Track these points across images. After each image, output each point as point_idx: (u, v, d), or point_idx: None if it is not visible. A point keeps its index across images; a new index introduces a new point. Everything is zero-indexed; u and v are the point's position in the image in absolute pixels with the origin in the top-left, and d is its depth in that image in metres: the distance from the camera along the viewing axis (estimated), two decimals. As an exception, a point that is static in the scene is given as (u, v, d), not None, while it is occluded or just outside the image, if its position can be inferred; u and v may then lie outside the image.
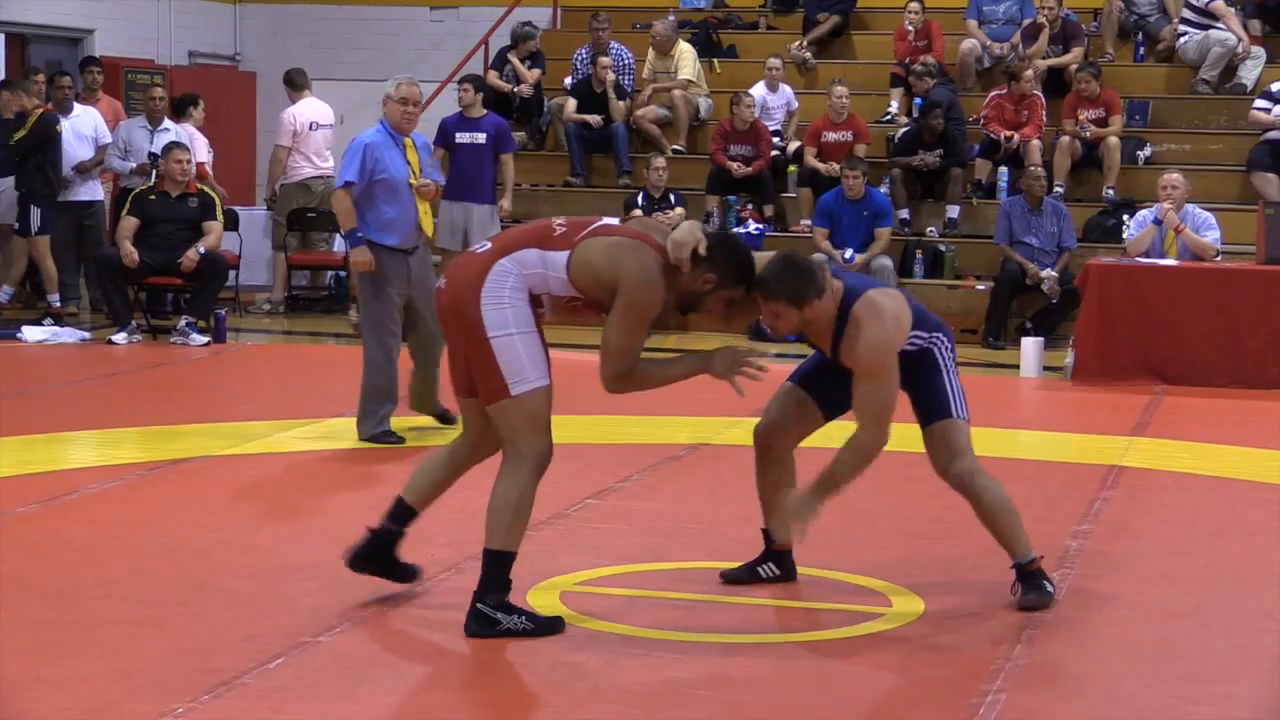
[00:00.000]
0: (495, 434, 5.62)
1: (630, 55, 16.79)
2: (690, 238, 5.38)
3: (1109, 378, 11.62)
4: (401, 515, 5.80)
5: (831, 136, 15.29)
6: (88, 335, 13.25)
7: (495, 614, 5.43)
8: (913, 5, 16.37)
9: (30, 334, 12.99)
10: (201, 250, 13.00)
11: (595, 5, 17.56)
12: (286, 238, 15.32)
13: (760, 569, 6.22)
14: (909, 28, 16.40)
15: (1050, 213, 13.76)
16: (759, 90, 15.89)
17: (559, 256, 5.37)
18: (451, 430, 9.06)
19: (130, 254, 12.84)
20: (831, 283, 5.66)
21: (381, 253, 8.83)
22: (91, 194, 14.60)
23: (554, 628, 5.50)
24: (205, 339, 12.90)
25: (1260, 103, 15.01)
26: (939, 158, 15.03)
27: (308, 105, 15.39)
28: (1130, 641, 5.67)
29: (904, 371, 5.84)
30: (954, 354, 6.00)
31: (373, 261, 8.86)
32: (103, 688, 4.91)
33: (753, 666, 5.30)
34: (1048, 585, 5.97)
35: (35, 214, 13.78)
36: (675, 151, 16.07)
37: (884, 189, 14.87)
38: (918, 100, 15.72)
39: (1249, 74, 15.96)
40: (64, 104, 14.49)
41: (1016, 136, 15.06)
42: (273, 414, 9.78)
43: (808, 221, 14.70)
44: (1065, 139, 15.13)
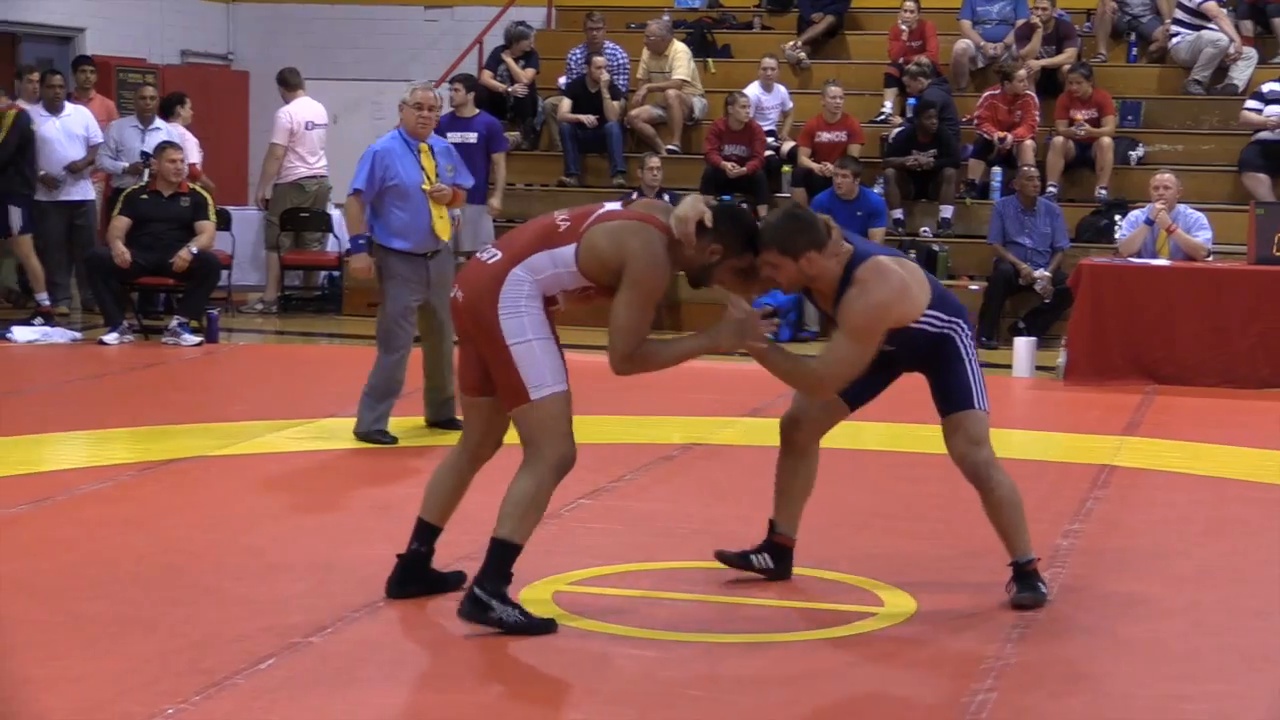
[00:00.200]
0: (496, 436, 5.73)
1: (625, 55, 16.79)
2: (694, 211, 5.43)
3: (1101, 377, 11.63)
4: (426, 534, 5.85)
5: (826, 136, 15.30)
6: (79, 335, 13.23)
7: (490, 600, 5.44)
8: (908, 4, 16.38)
9: (21, 334, 12.97)
10: (194, 250, 12.98)
11: (590, 5, 17.56)
12: (279, 237, 15.31)
13: (754, 557, 6.19)
14: (903, 27, 16.41)
15: (1043, 213, 13.76)
16: (753, 90, 15.89)
17: (566, 251, 5.44)
18: (444, 434, 9.06)
19: (122, 254, 12.82)
20: (840, 244, 5.65)
21: (395, 257, 8.86)
22: (83, 193, 14.57)
23: (546, 628, 5.50)
24: (197, 339, 12.89)
25: (1252, 103, 15.03)
26: (933, 158, 15.04)
27: (302, 105, 15.37)
28: (1121, 640, 5.67)
29: (922, 353, 5.86)
30: (973, 340, 5.96)
31: (370, 269, 8.98)
32: (93, 688, 4.90)
33: (744, 666, 5.30)
34: (1042, 586, 5.97)
35: (15, 214, 13.76)
36: (670, 151, 16.07)
37: (878, 189, 14.88)
38: (911, 100, 15.73)
39: (1240, 75, 15.98)
40: (55, 103, 14.46)
41: (1010, 137, 15.07)
42: (265, 414, 9.77)
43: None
44: (1058, 139, 15.14)
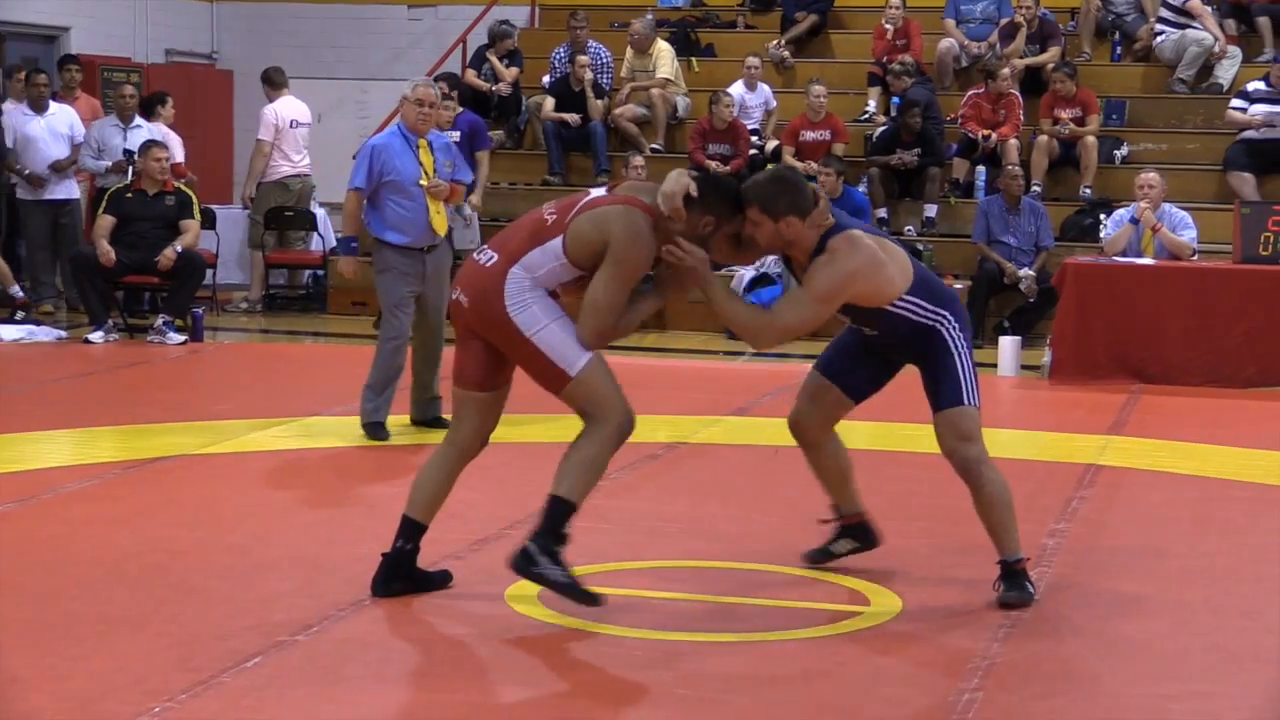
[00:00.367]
0: (485, 434, 5.85)
1: (608, 54, 16.79)
2: (678, 186, 5.54)
3: (1086, 376, 11.64)
4: (411, 532, 5.86)
5: (809, 135, 15.31)
6: (64, 334, 13.20)
7: (539, 556, 5.54)
8: (894, 2, 16.38)
9: (5, 333, 12.93)
10: (178, 249, 12.96)
11: (573, 4, 17.56)
12: (264, 236, 15.29)
13: (834, 546, 6.43)
14: (888, 26, 16.42)
15: (1028, 212, 13.78)
16: (737, 89, 15.89)
17: (555, 243, 5.56)
18: (429, 433, 9.06)
19: (107, 253, 12.79)
20: (826, 216, 5.74)
21: (391, 251, 8.97)
22: (67, 192, 14.55)
23: (590, 599, 5.56)
24: (182, 338, 12.87)
25: (1237, 102, 15.06)
26: (917, 157, 15.05)
27: (287, 103, 15.36)
28: (1108, 639, 5.68)
29: (909, 343, 5.93)
30: (965, 334, 5.96)
31: (356, 272, 9.23)
32: (79, 687, 4.89)
33: (730, 665, 5.30)
34: (1029, 586, 5.98)
35: None
36: (653, 150, 16.07)
37: (862, 188, 14.88)
38: (895, 99, 15.74)
39: (1225, 73, 16.01)
40: (39, 102, 14.46)
41: (994, 136, 15.09)
42: (250, 413, 9.76)
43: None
44: (1043, 138, 15.16)
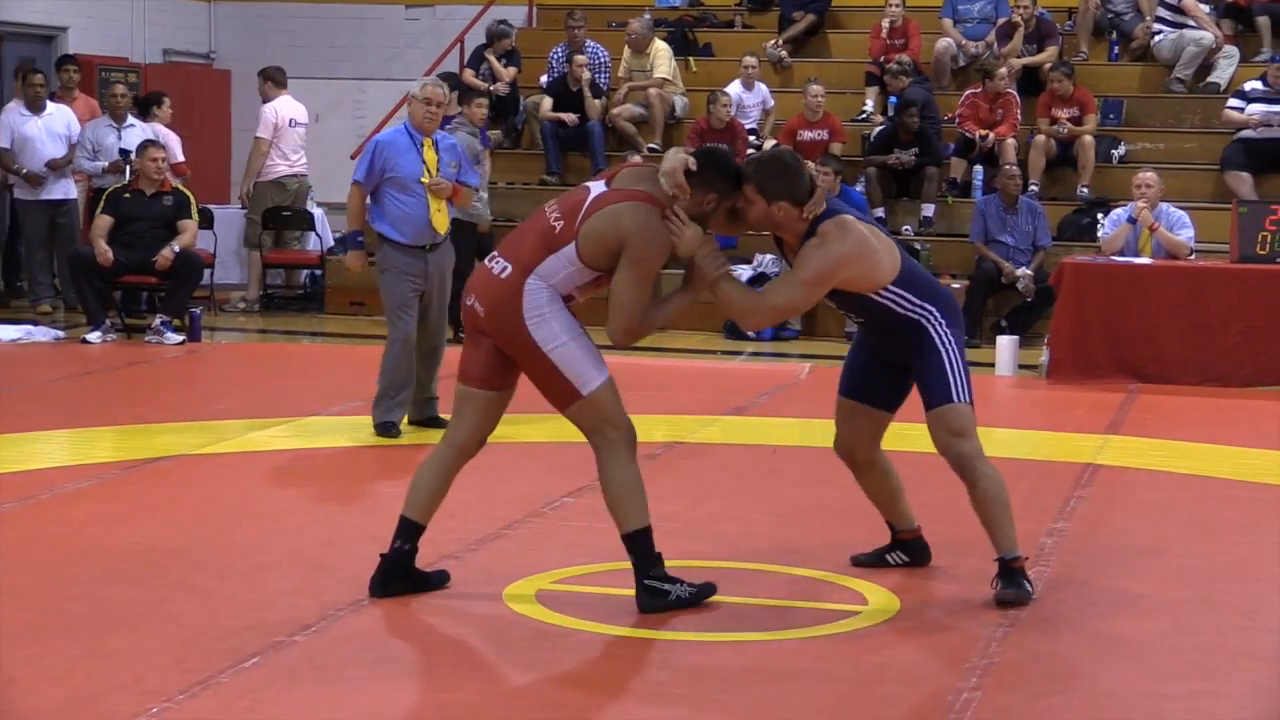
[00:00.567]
0: (485, 433, 5.88)
1: (606, 54, 16.79)
2: (678, 162, 5.66)
3: (1083, 376, 11.64)
4: (409, 532, 5.88)
5: (807, 135, 15.31)
6: (61, 334, 13.18)
7: (662, 585, 5.73)
8: (893, 1, 16.38)
9: (3, 333, 12.92)
10: (176, 249, 12.96)
11: (571, 4, 17.56)
12: (261, 236, 15.28)
13: (889, 555, 6.46)
14: (886, 24, 16.41)
15: (1025, 211, 13.78)
16: (735, 89, 15.90)
17: (569, 249, 5.65)
18: (427, 433, 9.06)
19: (105, 253, 12.78)
20: (819, 206, 5.79)
21: (393, 248, 9.00)
22: (65, 192, 14.54)
23: (709, 591, 5.83)
24: (180, 338, 12.86)
25: (1234, 102, 15.07)
26: (914, 156, 15.06)
27: (286, 103, 15.36)
28: (1105, 638, 5.68)
29: (897, 339, 5.98)
30: (954, 330, 5.96)
31: (362, 265, 9.24)
32: (78, 687, 4.90)
33: (728, 664, 5.30)
34: (1027, 584, 5.98)
35: None
36: (651, 150, 16.06)
37: (859, 187, 14.89)
38: (893, 99, 15.74)
39: (1222, 73, 16.01)
40: (37, 102, 14.45)
41: (991, 135, 15.09)
42: (248, 413, 9.76)
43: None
44: (1040, 138, 15.17)
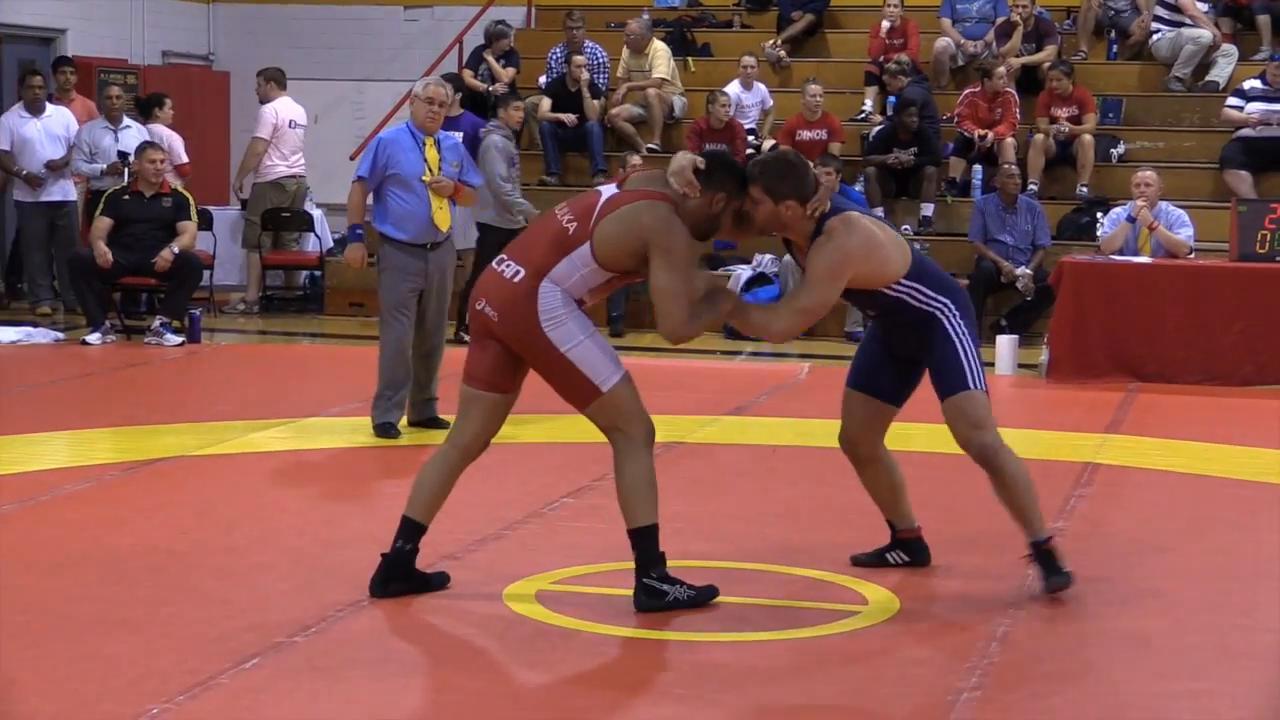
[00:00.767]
0: (489, 434, 5.90)
1: (605, 54, 16.78)
2: (685, 161, 5.71)
3: (1083, 375, 11.64)
4: (411, 532, 5.89)
5: (806, 135, 15.30)
6: (61, 336, 13.18)
7: (661, 585, 5.74)
8: (892, 0, 16.39)
9: (3, 335, 12.92)
10: (175, 250, 12.96)
11: (569, 4, 17.55)
12: (260, 237, 15.28)
13: (889, 555, 6.46)
14: (886, 24, 16.41)
15: (1024, 210, 13.78)
16: (733, 89, 15.89)
17: (583, 250, 5.68)
18: (426, 433, 9.06)
19: (104, 254, 12.78)
20: (824, 204, 5.82)
21: (393, 246, 9.02)
22: (64, 194, 14.55)
23: (710, 594, 5.82)
24: (179, 339, 12.86)
25: (1233, 100, 15.07)
26: (913, 156, 15.06)
27: (285, 104, 15.36)
28: (1106, 638, 5.68)
29: (911, 332, 5.99)
30: (967, 322, 6.00)
31: (362, 259, 9.25)
32: (77, 689, 4.90)
33: (728, 664, 5.30)
34: (1063, 567, 6.02)
35: None
36: (650, 150, 16.06)
37: (859, 187, 14.89)
38: (892, 98, 15.75)
39: (1221, 72, 16.01)
40: (36, 104, 14.46)
41: (990, 134, 15.09)
42: (247, 414, 9.76)
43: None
44: (1039, 137, 15.17)
